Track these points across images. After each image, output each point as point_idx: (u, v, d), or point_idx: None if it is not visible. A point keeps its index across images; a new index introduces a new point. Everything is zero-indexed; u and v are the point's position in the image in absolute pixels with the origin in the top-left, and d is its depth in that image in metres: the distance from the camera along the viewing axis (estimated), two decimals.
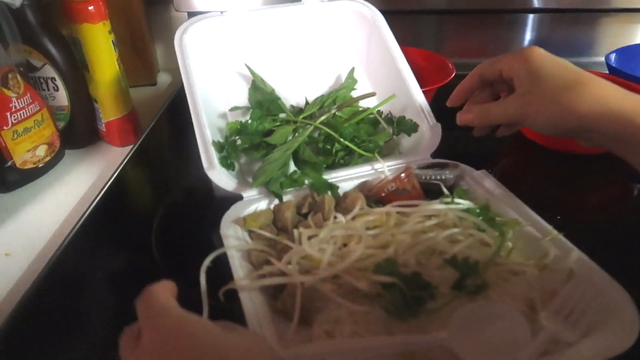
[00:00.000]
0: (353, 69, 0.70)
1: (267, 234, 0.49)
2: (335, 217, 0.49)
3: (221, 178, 0.57)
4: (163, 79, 1.09)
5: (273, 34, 0.72)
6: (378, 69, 0.71)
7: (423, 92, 0.67)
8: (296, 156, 0.58)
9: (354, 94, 0.68)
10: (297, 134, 0.61)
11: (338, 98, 0.64)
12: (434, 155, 0.62)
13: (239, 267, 0.45)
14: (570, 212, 0.63)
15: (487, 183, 0.56)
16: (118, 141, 0.83)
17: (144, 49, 1.01)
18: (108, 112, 0.80)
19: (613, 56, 0.81)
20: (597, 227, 0.61)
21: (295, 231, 0.49)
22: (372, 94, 0.61)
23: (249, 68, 0.68)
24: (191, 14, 1.00)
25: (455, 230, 0.45)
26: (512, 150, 0.78)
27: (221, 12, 0.70)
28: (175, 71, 1.10)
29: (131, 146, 0.79)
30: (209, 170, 0.57)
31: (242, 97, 0.68)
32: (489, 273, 0.42)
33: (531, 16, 1.02)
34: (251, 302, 0.42)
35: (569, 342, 0.39)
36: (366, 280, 0.41)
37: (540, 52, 0.47)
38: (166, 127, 0.88)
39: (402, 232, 0.44)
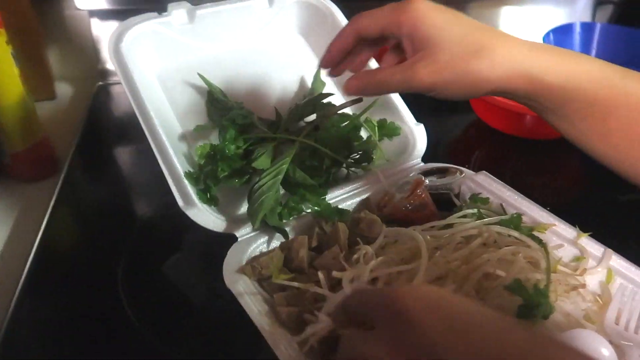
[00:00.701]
0: (319, 71, 0.63)
1: (295, 284, 0.41)
2: (359, 249, 0.43)
3: (205, 217, 0.47)
4: (62, 90, 0.92)
5: (223, 37, 0.62)
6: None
7: None
8: (285, 179, 0.51)
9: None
10: (278, 154, 0.53)
11: (317, 106, 0.57)
12: None
13: (277, 341, 0.37)
14: (552, 199, 0.64)
15: (492, 186, 0.53)
16: (30, 175, 0.67)
17: (39, 56, 0.84)
18: (14, 141, 0.64)
19: (551, 35, 0.84)
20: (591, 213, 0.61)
21: (320, 274, 0.42)
22: (359, 100, 0.54)
23: (203, 79, 0.58)
24: (94, 13, 0.85)
25: (507, 249, 0.41)
26: (476, 140, 0.77)
27: (159, 13, 0.58)
28: (75, 80, 0.93)
29: (54, 180, 0.64)
30: (189, 209, 0.47)
31: (197, 114, 0.58)
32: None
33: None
34: None
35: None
36: None
37: (427, 7, 0.40)
38: (91, 151, 0.73)
39: (453, 259, 0.40)
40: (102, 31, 0.88)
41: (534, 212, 0.49)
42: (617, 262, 0.44)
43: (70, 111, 0.85)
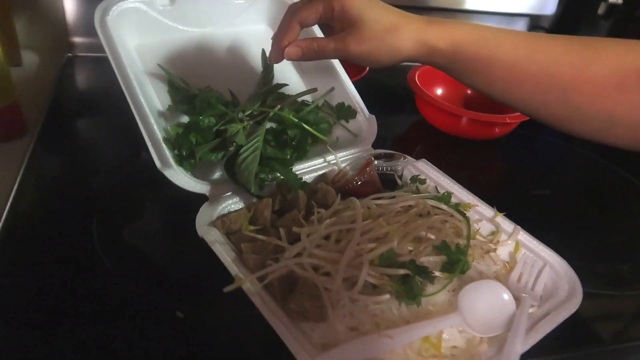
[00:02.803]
0: (263, 51, 0.69)
1: (261, 237, 0.48)
2: (318, 212, 0.50)
3: (180, 177, 0.53)
4: (28, 58, 0.93)
5: (199, 22, 0.68)
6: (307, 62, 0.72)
7: None
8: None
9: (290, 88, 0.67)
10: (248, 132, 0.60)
11: (274, 93, 0.64)
12: None
13: (243, 279, 0.43)
14: (477, 190, 0.74)
15: (429, 171, 0.62)
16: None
17: (6, 22, 0.85)
18: None
19: None
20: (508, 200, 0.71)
21: (281, 230, 0.49)
22: (314, 90, 0.62)
23: (163, 68, 0.62)
24: None
25: (437, 217, 0.50)
26: (419, 136, 0.86)
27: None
28: (42, 50, 0.95)
29: (22, 141, 0.68)
30: (165, 170, 0.53)
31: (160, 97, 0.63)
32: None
33: None
34: (266, 305, 0.41)
35: (533, 305, 0.47)
36: (376, 273, 0.43)
37: None
38: (61, 117, 0.76)
39: (394, 222, 0.48)
40: (73, 5, 0.90)
41: (461, 194, 0.58)
42: (523, 237, 0.54)
43: (36, 79, 0.87)
